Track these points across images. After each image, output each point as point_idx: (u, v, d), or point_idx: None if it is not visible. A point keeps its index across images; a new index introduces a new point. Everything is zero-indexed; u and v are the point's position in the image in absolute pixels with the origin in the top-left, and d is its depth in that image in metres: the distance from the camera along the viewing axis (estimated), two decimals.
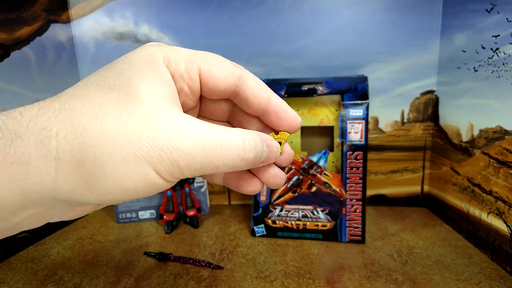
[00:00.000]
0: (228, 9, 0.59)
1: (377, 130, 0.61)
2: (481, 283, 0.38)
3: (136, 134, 0.13)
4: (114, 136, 0.13)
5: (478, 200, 0.46)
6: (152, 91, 0.15)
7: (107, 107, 0.14)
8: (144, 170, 0.14)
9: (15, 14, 0.50)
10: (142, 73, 0.15)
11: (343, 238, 0.49)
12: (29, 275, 0.44)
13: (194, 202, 0.57)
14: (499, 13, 0.41)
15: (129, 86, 0.14)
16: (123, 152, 0.13)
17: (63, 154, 0.13)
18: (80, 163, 0.13)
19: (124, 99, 0.14)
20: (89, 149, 0.13)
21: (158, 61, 0.16)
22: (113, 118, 0.14)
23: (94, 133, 0.13)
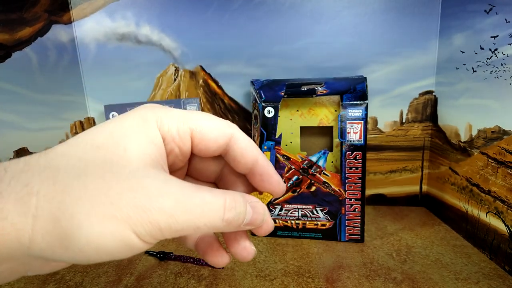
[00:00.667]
0: (228, 10, 0.59)
1: (376, 130, 0.61)
2: (480, 282, 0.39)
3: (117, 194, 0.13)
4: (95, 195, 0.13)
5: (476, 200, 0.46)
6: (138, 152, 0.15)
7: (92, 166, 0.14)
8: (122, 231, 0.13)
9: (16, 15, 0.50)
10: (131, 134, 0.15)
11: (342, 237, 0.49)
12: None
13: None
14: (498, 14, 0.41)
15: (117, 146, 0.14)
16: (102, 212, 0.13)
17: (42, 211, 0.13)
18: (57, 221, 0.13)
19: (110, 158, 0.14)
20: (67, 208, 0.13)
21: (149, 123, 0.16)
22: (96, 178, 0.13)
23: (74, 192, 0.13)
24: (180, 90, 0.64)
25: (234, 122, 0.69)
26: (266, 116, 0.48)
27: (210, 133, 0.18)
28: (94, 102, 0.66)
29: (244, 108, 0.63)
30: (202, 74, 0.63)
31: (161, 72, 0.63)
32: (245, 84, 0.62)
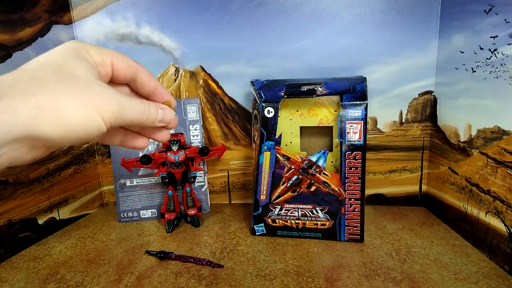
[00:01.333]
0: (229, 10, 0.59)
1: (375, 130, 0.61)
2: (479, 282, 0.39)
3: (90, 94, 0.21)
4: (75, 94, 0.20)
5: (476, 200, 0.46)
6: (87, 70, 0.22)
7: (65, 77, 0.20)
8: (95, 116, 0.21)
9: (17, 15, 0.51)
10: (77, 61, 0.22)
11: (342, 237, 0.49)
12: (31, 274, 0.44)
13: (195, 201, 0.57)
14: (497, 14, 0.41)
15: (73, 66, 0.22)
16: (83, 104, 0.20)
17: (43, 105, 0.19)
18: (55, 110, 0.19)
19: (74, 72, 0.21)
20: (60, 102, 0.19)
21: (82, 52, 0.23)
22: (71, 84, 0.20)
23: (61, 93, 0.20)
24: (180, 90, 0.64)
25: (234, 122, 0.69)
26: (266, 116, 0.48)
27: (123, 64, 0.25)
28: None
29: (244, 108, 0.64)
30: (202, 75, 0.63)
31: (161, 72, 0.64)
32: (245, 84, 0.62)
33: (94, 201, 0.67)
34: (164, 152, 0.53)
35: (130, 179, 0.61)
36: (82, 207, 0.64)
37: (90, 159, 0.66)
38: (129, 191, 0.61)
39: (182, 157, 0.53)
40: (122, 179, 0.61)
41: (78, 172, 0.63)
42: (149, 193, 0.62)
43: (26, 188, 0.52)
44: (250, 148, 0.65)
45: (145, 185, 0.61)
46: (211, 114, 0.64)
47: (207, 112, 0.64)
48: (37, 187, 0.54)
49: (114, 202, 0.70)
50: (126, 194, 0.61)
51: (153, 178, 0.62)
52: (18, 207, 0.50)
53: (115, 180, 0.60)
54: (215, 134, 0.65)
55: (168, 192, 0.56)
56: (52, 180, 0.57)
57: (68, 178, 0.60)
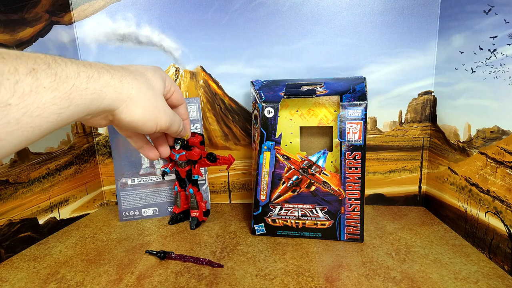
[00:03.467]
0: (229, 11, 0.59)
1: (375, 130, 0.61)
2: (479, 281, 0.39)
3: (157, 104, 0.31)
4: (149, 102, 0.29)
5: (475, 200, 0.47)
6: (161, 89, 0.32)
7: (150, 88, 0.30)
8: (154, 121, 0.30)
9: (17, 16, 0.51)
10: (158, 81, 0.32)
11: (342, 236, 0.49)
12: (31, 274, 0.44)
13: (199, 204, 0.56)
14: (497, 15, 0.41)
15: (157, 82, 0.32)
16: (151, 109, 0.30)
17: (132, 96, 0.28)
18: (136, 103, 0.28)
19: (155, 85, 0.32)
20: (137, 99, 0.28)
21: (163, 78, 0.33)
22: (150, 94, 0.30)
23: (143, 97, 0.29)
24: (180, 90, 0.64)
25: (234, 122, 0.69)
26: (266, 116, 0.48)
27: (179, 96, 0.38)
28: None
29: (244, 108, 0.64)
30: (203, 75, 0.63)
31: None
32: (245, 85, 0.62)
33: (94, 201, 0.67)
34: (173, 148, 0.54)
35: (131, 178, 0.61)
36: (83, 207, 0.64)
37: (90, 159, 0.66)
38: (131, 190, 0.61)
39: (181, 157, 0.53)
40: (123, 178, 0.61)
41: (79, 172, 0.63)
42: (150, 191, 0.62)
43: (27, 188, 0.52)
44: (250, 148, 0.65)
45: (146, 183, 0.62)
46: (211, 114, 0.65)
47: (207, 112, 0.64)
48: (37, 187, 0.54)
49: (114, 202, 0.70)
50: (127, 192, 0.61)
51: (154, 177, 0.62)
52: (18, 207, 0.50)
53: (117, 179, 0.61)
54: (215, 134, 0.65)
55: (175, 187, 0.57)
56: (53, 180, 0.57)
57: (68, 178, 0.60)
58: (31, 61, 0.20)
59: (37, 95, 0.20)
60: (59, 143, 0.59)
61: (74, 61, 0.24)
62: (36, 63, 0.20)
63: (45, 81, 0.20)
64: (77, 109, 0.23)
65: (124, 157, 0.60)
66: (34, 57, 0.21)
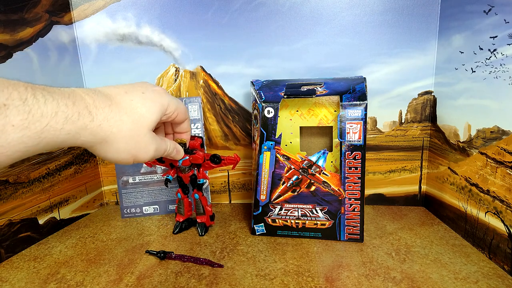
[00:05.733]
0: (229, 11, 0.59)
1: (375, 130, 0.61)
2: (479, 281, 0.39)
3: (136, 142, 0.30)
4: (125, 141, 0.29)
5: (475, 200, 0.47)
6: (151, 120, 0.31)
7: (131, 122, 0.29)
8: (128, 160, 0.30)
9: (17, 16, 0.51)
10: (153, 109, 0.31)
11: (342, 236, 0.49)
12: (31, 273, 0.44)
13: (205, 209, 0.54)
14: (497, 15, 0.41)
15: (145, 113, 0.31)
16: (125, 150, 0.29)
17: (109, 139, 0.28)
18: (111, 145, 0.28)
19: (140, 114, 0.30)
20: (117, 142, 0.28)
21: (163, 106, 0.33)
22: (130, 130, 0.29)
23: (119, 138, 0.28)
24: (180, 90, 0.64)
25: (234, 122, 0.69)
26: (266, 116, 0.48)
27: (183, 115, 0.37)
28: None
29: (244, 108, 0.64)
30: (203, 75, 0.63)
31: (161, 72, 0.64)
32: (245, 85, 0.62)
33: (94, 201, 0.67)
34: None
35: (132, 176, 0.61)
36: (83, 207, 0.64)
37: (90, 159, 0.66)
38: (132, 188, 0.61)
39: (185, 162, 0.49)
40: (124, 176, 0.61)
41: (79, 172, 0.63)
42: (151, 189, 0.62)
43: (27, 188, 0.52)
44: (250, 148, 0.65)
45: (147, 182, 0.62)
46: (211, 114, 0.65)
47: (207, 112, 0.65)
48: (37, 187, 0.54)
49: (114, 202, 0.70)
50: (128, 190, 0.61)
51: (155, 176, 0.62)
52: (18, 207, 0.50)
53: (118, 177, 0.61)
54: (215, 134, 0.65)
55: (177, 194, 0.54)
56: (53, 180, 0.57)
57: (68, 178, 0.60)
58: (4, 95, 0.19)
59: (3, 134, 0.19)
60: None
61: (58, 96, 0.23)
62: (10, 98, 0.19)
63: (15, 119, 0.19)
64: (47, 147, 0.23)
65: None
66: (12, 89, 0.20)
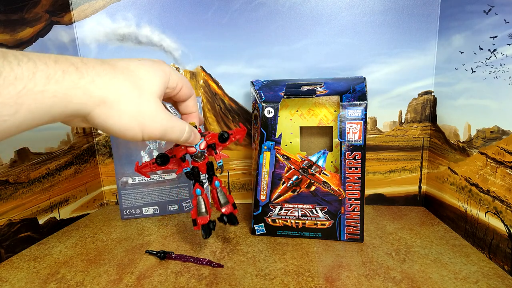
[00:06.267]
0: (229, 11, 0.59)
1: (375, 130, 0.61)
2: (479, 281, 0.39)
3: (142, 108, 0.26)
4: (131, 106, 0.25)
5: (475, 200, 0.47)
6: (157, 87, 0.28)
7: (130, 83, 0.26)
8: (137, 130, 0.26)
9: (17, 15, 0.51)
10: (155, 74, 0.28)
11: (342, 236, 0.49)
12: (31, 274, 0.44)
13: (227, 196, 0.46)
14: (497, 15, 0.41)
15: (151, 78, 0.28)
16: (131, 115, 0.25)
17: (107, 99, 0.24)
18: (111, 107, 0.24)
19: (136, 80, 0.26)
20: (118, 103, 0.24)
21: (166, 73, 0.29)
22: (131, 91, 0.25)
23: (120, 98, 0.24)
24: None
25: (234, 122, 0.69)
26: (266, 116, 0.48)
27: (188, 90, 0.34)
28: None
29: (244, 108, 0.64)
30: (203, 75, 0.63)
31: None
32: (245, 85, 0.62)
33: (94, 201, 0.67)
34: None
35: (132, 177, 0.61)
36: (83, 207, 0.64)
37: (90, 159, 0.66)
38: (131, 189, 0.61)
39: (203, 145, 0.41)
40: (124, 177, 0.61)
41: (79, 172, 0.63)
42: (151, 190, 0.62)
43: (27, 188, 0.52)
44: (250, 148, 0.65)
45: (146, 182, 0.62)
46: (211, 114, 0.65)
47: (207, 112, 0.65)
48: (37, 187, 0.54)
49: (114, 202, 0.70)
50: (128, 191, 0.61)
51: (155, 176, 0.62)
52: (18, 207, 0.50)
53: (117, 178, 0.61)
54: None
55: (196, 191, 0.43)
56: (53, 180, 0.57)
57: (68, 178, 0.60)
58: None
59: None
60: (59, 143, 0.59)
61: (36, 57, 0.20)
62: None
63: None
64: (31, 115, 0.20)
65: (125, 157, 0.60)
66: None
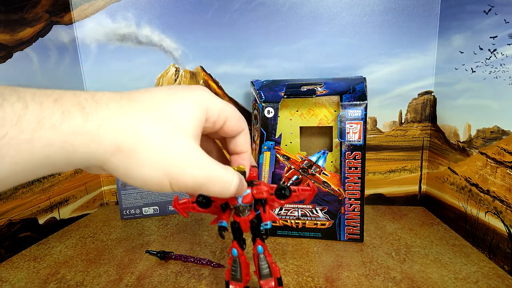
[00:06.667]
0: (229, 11, 0.59)
1: (375, 130, 0.61)
2: (479, 281, 0.39)
3: (170, 154, 0.20)
4: (155, 153, 0.19)
5: (475, 200, 0.47)
6: (191, 125, 0.21)
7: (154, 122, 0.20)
8: (162, 180, 0.20)
9: (17, 15, 0.51)
10: (191, 110, 0.21)
11: (342, 236, 0.49)
12: (31, 274, 0.44)
13: (271, 267, 0.34)
14: (497, 15, 0.41)
15: (182, 117, 0.21)
16: (155, 165, 0.19)
17: (123, 146, 0.18)
18: (129, 156, 0.19)
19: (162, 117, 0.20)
20: (137, 151, 0.19)
21: (202, 106, 0.22)
22: (156, 131, 0.19)
23: (140, 142, 0.19)
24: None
25: None
26: (266, 116, 0.48)
27: (235, 125, 0.25)
28: None
29: (244, 108, 0.64)
30: (203, 75, 0.63)
31: (161, 72, 0.64)
32: (245, 85, 0.62)
33: (94, 201, 0.67)
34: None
35: None
36: (83, 207, 0.64)
37: None
38: (131, 189, 0.61)
39: (247, 199, 0.31)
40: None
41: (79, 172, 0.63)
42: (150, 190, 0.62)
43: (27, 188, 0.52)
44: None
45: None
46: None
47: None
48: (37, 187, 0.54)
49: (114, 202, 0.70)
50: (128, 192, 0.61)
51: None
52: (18, 207, 0.50)
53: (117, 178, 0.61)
54: None
55: (232, 251, 0.35)
56: (53, 180, 0.57)
57: (68, 178, 0.60)
58: None
59: None
60: None
61: (31, 95, 0.17)
62: None
63: None
64: (20, 168, 0.16)
65: None
66: None
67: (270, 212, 0.34)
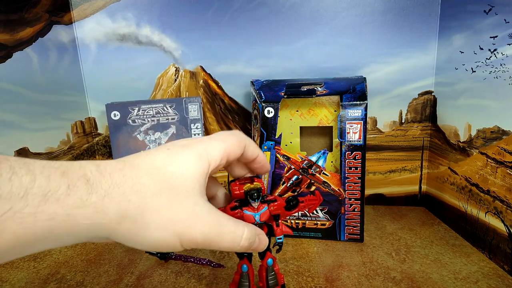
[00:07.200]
0: (229, 10, 0.59)
1: (375, 130, 0.61)
2: (479, 281, 0.39)
3: (176, 214, 0.20)
4: (163, 212, 0.20)
5: (475, 200, 0.46)
6: (193, 181, 0.22)
7: (164, 189, 0.20)
8: (172, 240, 0.20)
9: (17, 15, 0.51)
10: (192, 169, 0.22)
11: (342, 236, 0.49)
12: (31, 274, 0.44)
13: (278, 277, 0.36)
14: (497, 14, 0.41)
15: (184, 179, 0.21)
16: (164, 225, 0.20)
17: (128, 213, 0.19)
18: (137, 222, 0.19)
19: (177, 184, 0.21)
20: (145, 217, 0.19)
21: (202, 158, 0.23)
22: (165, 199, 0.20)
23: (151, 209, 0.19)
24: (180, 90, 0.64)
25: (234, 122, 0.69)
26: (266, 116, 0.48)
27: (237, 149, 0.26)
28: (94, 102, 0.66)
29: (244, 108, 0.64)
30: (203, 75, 0.63)
31: (161, 72, 0.64)
32: (245, 85, 0.62)
33: None
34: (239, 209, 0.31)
35: None
36: None
37: (90, 159, 0.66)
38: None
39: (265, 216, 0.31)
40: None
41: None
42: None
43: None
44: None
45: None
46: (211, 114, 0.65)
47: (207, 112, 0.64)
48: None
49: None
50: None
51: None
52: None
53: None
54: None
55: (242, 266, 0.35)
56: None
57: None
58: None
59: None
60: (58, 143, 0.59)
61: (40, 168, 0.16)
62: None
63: None
64: (20, 242, 0.16)
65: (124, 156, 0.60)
66: None
67: (284, 225, 0.34)
